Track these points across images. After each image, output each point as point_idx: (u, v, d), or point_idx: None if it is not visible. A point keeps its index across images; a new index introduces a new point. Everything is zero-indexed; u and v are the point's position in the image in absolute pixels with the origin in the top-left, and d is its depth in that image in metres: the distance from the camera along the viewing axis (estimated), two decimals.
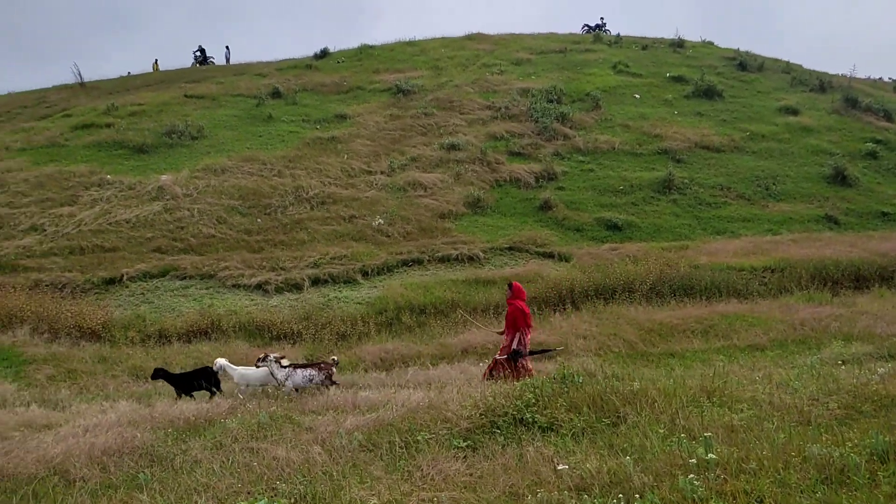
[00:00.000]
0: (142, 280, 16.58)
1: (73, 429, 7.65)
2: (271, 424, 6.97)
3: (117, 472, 6.08)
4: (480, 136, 25.66)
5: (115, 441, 6.78)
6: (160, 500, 5.05)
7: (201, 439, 6.73)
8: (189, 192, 20.78)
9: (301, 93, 30.49)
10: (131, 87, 34.00)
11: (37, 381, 11.41)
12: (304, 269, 16.95)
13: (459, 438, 5.66)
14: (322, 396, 8.38)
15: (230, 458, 5.93)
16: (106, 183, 21.41)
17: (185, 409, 8.02)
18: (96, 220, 19.29)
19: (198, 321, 14.13)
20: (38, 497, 5.59)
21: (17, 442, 7.38)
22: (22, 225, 19.07)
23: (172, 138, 24.77)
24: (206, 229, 19.02)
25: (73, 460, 6.30)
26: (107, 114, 27.42)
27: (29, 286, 15.65)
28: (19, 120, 29.09)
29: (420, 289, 15.56)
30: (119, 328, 14.01)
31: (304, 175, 22.28)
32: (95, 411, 8.66)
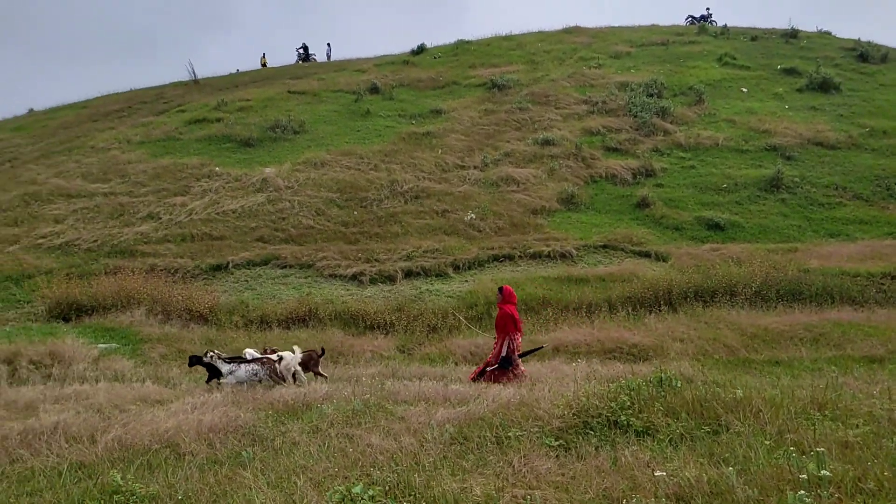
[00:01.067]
0: (246, 267, 17.41)
1: (183, 405, 8.14)
2: (365, 412, 7.14)
3: (222, 449, 6.41)
4: (576, 132, 25.24)
5: (220, 419, 7.15)
6: (262, 478, 5.29)
7: (299, 422, 6.98)
8: (290, 185, 21.62)
9: (398, 88, 31.03)
10: (240, 84, 35.71)
11: (151, 358, 12.24)
12: (398, 261, 17.26)
13: (551, 437, 5.60)
14: (413, 386, 8.51)
15: (326, 442, 6.13)
16: (215, 175, 22.62)
17: (284, 393, 8.35)
18: (206, 209, 20.43)
19: (296, 308, 14.68)
20: (152, 468, 5.98)
21: (134, 415, 7.92)
22: (140, 213, 20.48)
23: (276, 132, 25.85)
24: (305, 220, 19.73)
25: (182, 435, 6.70)
26: (217, 109, 28.95)
27: (145, 270, 16.79)
28: (139, 115, 31.21)
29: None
30: (224, 312, 14.79)
31: (399, 169, 22.68)
32: (203, 390, 9.19)
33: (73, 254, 18.31)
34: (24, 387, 10.10)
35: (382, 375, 9.82)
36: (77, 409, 8.41)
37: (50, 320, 14.77)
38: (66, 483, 5.71)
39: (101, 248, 18.54)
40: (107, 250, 18.38)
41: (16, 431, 7.29)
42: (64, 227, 19.80)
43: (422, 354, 12.39)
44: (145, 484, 5.33)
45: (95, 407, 8.49)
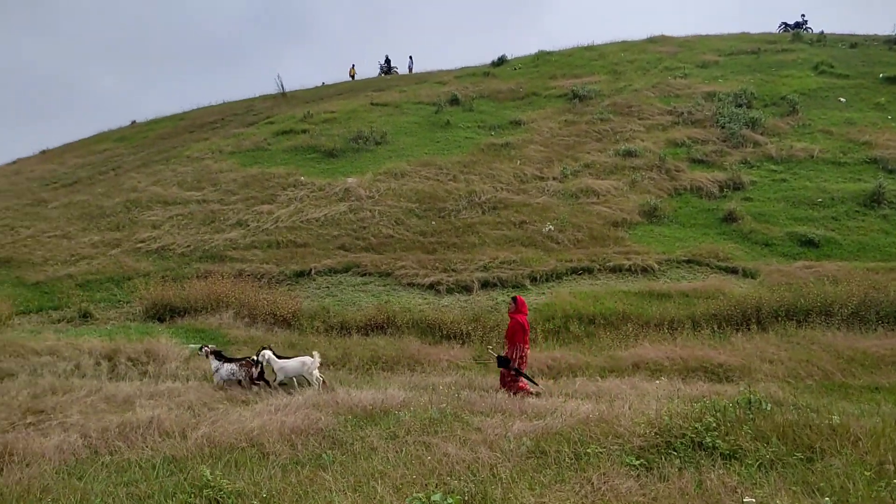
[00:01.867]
0: (327, 274, 17.87)
1: (267, 407, 8.44)
2: (442, 421, 7.18)
3: (303, 451, 6.59)
4: (659, 143, 24.62)
5: (302, 422, 7.37)
6: (341, 481, 5.41)
7: (377, 428, 7.10)
8: (371, 195, 22.08)
9: (478, 99, 31.20)
10: (325, 96, 36.85)
11: None
12: (475, 271, 17.29)
13: (632, 456, 5.46)
14: (490, 398, 8.49)
15: (404, 449, 6.21)
16: (300, 184, 23.39)
17: (362, 398, 8.50)
18: (291, 217, 21.14)
19: (375, 316, 14.94)
20: (238, 465, 6.22)
21: (221, 413, 8.28)
22: (230, 220, 21.41)
23: (359, 143, 26.49)
24: (385, 230, 20.09)
25: (266, 435, 6.94)
26: (303, 121, 29.97)
27: (233, 275, 17.52)
28: (231, 126, 32.71)
29: (589, 298, 15.23)
30: (307, 318, 15.22)
31: (478, 180, 22.76)
32: (285, 392, 9.49)
33: (168, 258, 19.34)
34: (123, 382, 10.74)
35: (458, 385, 9.85)
36: (169, 405, 8.86)
37: (146, 320, 15.64)
38: (159, 475, 6.02)
39: (193, 252, 19.50)
40: (198, 255, 19.30)
41: (114, 424, 7.75)
42: (160, 232, 20.96)
43: None
44: (232, 480, 5.56)
45: (186, 404, 8.92)
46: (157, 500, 5.27)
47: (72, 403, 9.19)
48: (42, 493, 5.75)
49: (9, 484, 5.96)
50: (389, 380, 10.91)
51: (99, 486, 5.84)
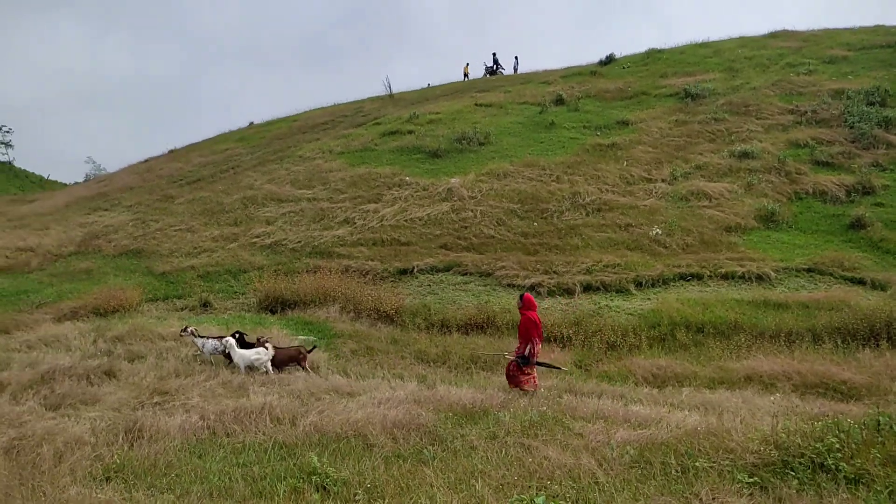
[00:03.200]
0: (429, 273, 18.14)
1: (370, 399, 8.68)
2: (542, 424, 7.12)
3: (405, 445, 6.73)
4: (779, 144, 23.22)
5: (403, 416, 7.52)
6: (442, 477, 5.48)
7: (477, 427, 7.14)
8: (474, 195, 22.20)
9: (584, 99, 30.67)
10: (430, 98, 37.42)
11: (342, 353, 13.17)
12: (577, 274, 16.99)
13: (744, 473, 5.19)
14: (591, 403, 8.32)
15: (504, 450, 6.21)
16: (405, 184, 23.88)
17: (462, 396, 8.57)
18: (395, 216, 21.63)
19: (475, 315, 15.00)
20: (343, 454, 6.44)
21: (328, 404, 8.59)
22: (338, 218, 22.19)
23: (462, 144, 26.71)
24: (486, 230, 20.14)
25: (370, 427, 7.14)
26: (409, 122, 30.59)
27: (340, 271, 18.14)
28: (340, 128, 33.88)
29: (698, 305, 14.59)
30: (408, 314, 15.52)
31: (582, 181, 22.37)
32: (387, 387, 9.72)
33: (281, 253, 20.29)
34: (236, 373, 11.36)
35: (559, 389, 9.72)
36: (280, 393, 9.29)
37: (259, 311, 16.49)
38: (271, 459, 6.34)
39: (303, 248, 20.36)
40: (308, 251, 20.14)
41: (230, 408, 8.22)
42: (274, 228, 22.05)
43: (599, 371, 12.06)
44: (338, 469, 5.76)
45: (295, 393, 9.32)
46: (270, 483, 5.55)
47: (193, 387, 9.84)
48: (167, 468, 6.20)
49: (139, 457, 6.48)
50: (489, 380, 10.93)
51: (216, 465, 6.23)
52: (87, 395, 9.69)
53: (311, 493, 5.28)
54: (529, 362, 9.38)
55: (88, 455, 6.58)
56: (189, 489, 5.49)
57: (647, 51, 37.21)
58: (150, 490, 5.45)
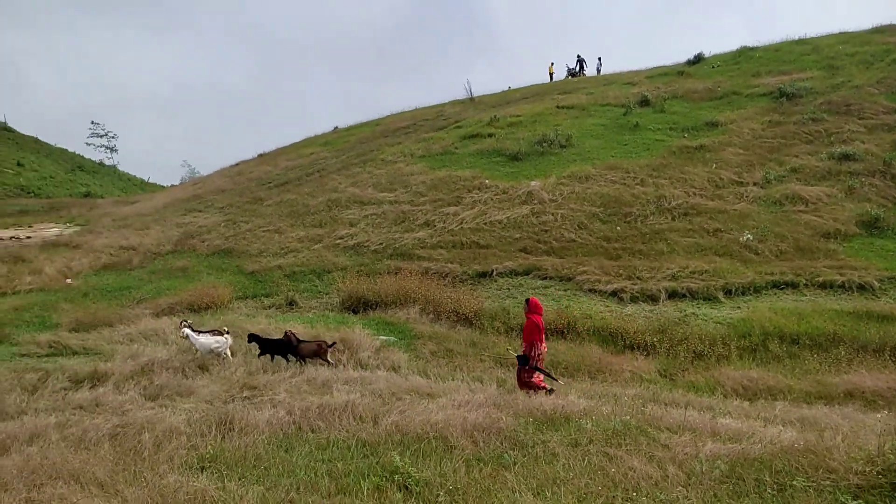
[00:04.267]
0: (508, 276, 18.06)
1: (450, 401, 8.71)
2: (625, 433, 6.93)
3: (485, 448, 6.71)
4: (883, 145, 21.77)
5: (483, 419, 7.50)
6: (524, 483, 5.43)
7: (558, 434, 7.03)
8: (554, 198, 21.95)
9: (670, 100, 29.78)
10: (511, 100, 37.30)
11: (422, 354, 13.31)
12: (661, 280, 16.50)
13: (847, 494, 4.87)
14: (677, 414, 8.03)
15: (586, 458, 6.08)
16: (484, 187, 23.90)
17: (542, 402, 8.47)
18: (475, 219, 21.67)
19: (555, 320, 14.81)
20: (424, 455, 6.48)
21: (408, 404, 8.68)
22: (418, 220, 22.45)
23: (543, 147, 26.48)
24: (567, 234, 19.87)
25: (451, 429, 7.16)
26: (489, 125, 30.60)
27: (420, 272, 18.33)
28: (421, 131, 34.28)
29: (793, 315, 13.86)
30: (487, 317, 15.50)
31: (668, 184, 21.71)
32: (467, 389, 9.73)
33: (363, 254, 20.73)
34: (322, 367, 11.68)
35: (642, 398, 9.45)
36: (362, 391, 9.47)
37: (342, 311, 16.90)
38: (354, 457, 6.46)
39: (385, 250, 20.72)
40: (390, 252, 20.47)
41: (315, 405, 8.44)
42: (357, 230, 22.55)
43: (685, 381, 11.65)
44: (419, 469, 5.81)
45: (377, 392, 9.48)
46: (353, 480, 5.66)
47: (279, 383, 10.19)
48: (256, 460, 6.43)
49: (230, 448, 6.75)
50: (569, 386, 10.75)
51: (302, 459, 6.40)
52: (183, 388, 10.22)
53: (393, 491, 5.34)
54: (527, 364, 9.44)
55: (184, 444, 6.92)
56: (277, 482, 5.67)
57: (739, 49, 35.73)
58: (241, 481, 5.66)
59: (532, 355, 9.45)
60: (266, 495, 5.27)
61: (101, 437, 7.38)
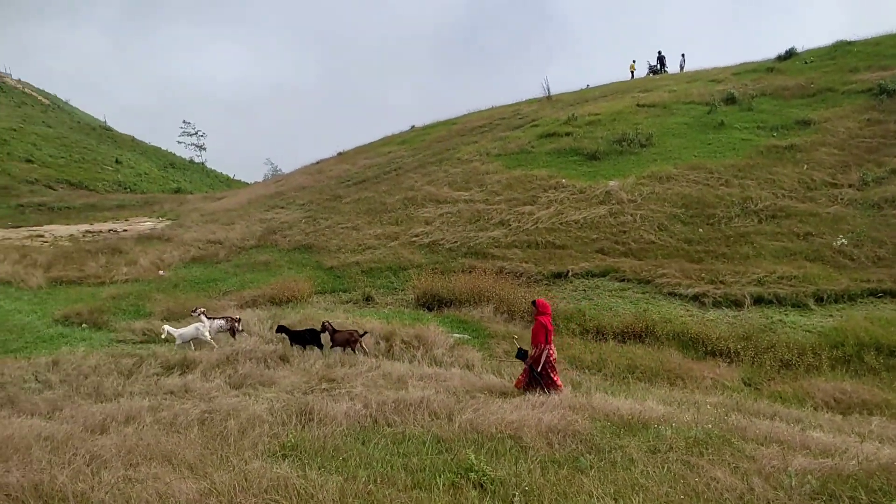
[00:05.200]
0: (584, 277, 17.79)
1: (524, 402, 8.66)
2: (707, 442, 6.71)
3: (560, 450, 6.64)
4: None
5: (558, 421, 7.42)
6: (600, 487, 5.35)
7: (636, 439, 6.87)
8: (633, 198, 21.45)
9: (758, 98, 28.53)
10: (589, 99, 36.68)
11: (495, 353, 13.30)
12: (746, 285, 15.85)
13: None
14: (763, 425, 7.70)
15: (665, 466, 5.93)
16: (561, 186, 23.61)
17: (619, 406, 8.30)
18: (550, 219, 21.45)
19: (632, 324, 14.49)
20: (498, 454, 6.48)
21: (482, 402, 8.69)
22: (493, 219, 22.42)
23: (622, 146, 25.91)
24: (646, 235, 19.38)
25: (525, 430, 7.12)
26: (567, 123, 30.19)
27: (495, 271, 18.32)
28: (498, 130, 34.20)
29: (893, 326, 13.02)
30: (562, 319, 15.31)
31: (754, 185, 20.82)
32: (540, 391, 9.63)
33: (438, 252, 20.89)
34: (397, 362, 11.86)
35: (725, 406, 9.12)
36: (437, 388, 9.55)
37: (417, 308, 17.09)
38: (429, 452, 6.53)
39: (459, 248, 20.81)
40: (464, 251, 20.54)
41: (391, 400, 8.57)
42: (432, 228, 22.74)
43: (771, 391, 11.15)
44: (494, 468, 5.81)
45: (451, 389, 9.54)
46: (428, 475, 5.72)
47: (356, 376, 10.41)
48: (334, 450, 6.59)
49: (310, 438, 6.96)
50: (647, 391, 10.50)
51: (379, 452, 6.53)
52: (265, 377, 10.61)
53: (468, 489, 5.37)
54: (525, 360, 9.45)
55: (267, 432, 7.18)
56: (355, 473, 5.80)
57: (835, 43, 33.82)
58: (321, 470, 5.82)
59: (532, 355, 9.38)
60: (344, 486, 5.40)
61: (190, 421, 7.74)
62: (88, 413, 8.31)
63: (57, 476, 5.56)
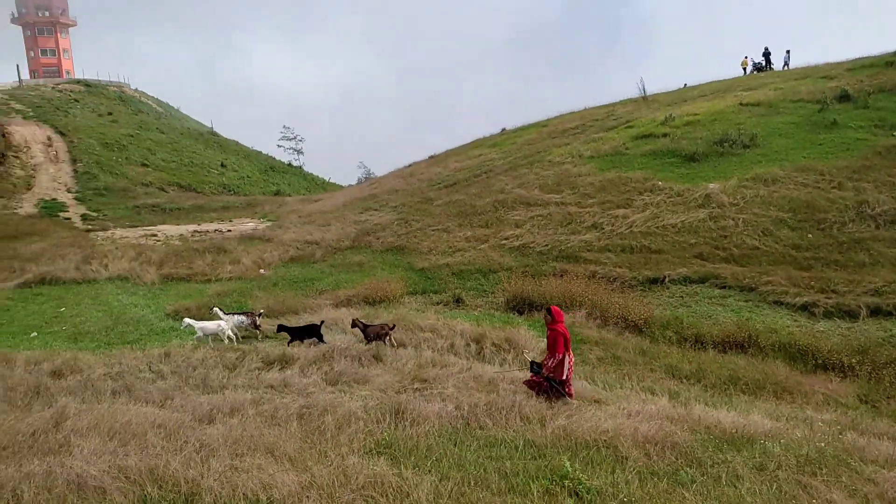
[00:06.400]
0: (681, 283, 17.14)
1: (619, 410, 8.44)
2: (820, 462, 6.30)
3: (659, 462, 6.41)
4: None
5: (656, 432, 7.17)
6: (703, 503, 5.12)
7: (740, 455, 6.54)
8: (735, 202, 20.48)
9: (876, 94, 26.54)
10: (688, 98, 35.36)
11: (588, 359, 13.03)
12: (862, 295, 14.78)
13: None
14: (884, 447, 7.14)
15: (775, 485, 5.61)
16: (657, 189, 22.88)
17: (721, 419, 7.94)
18: (645, 222, 20.82)
19: (734, 333, 13.83)
20: (594, 463, 6.34)
21: (575, 409, 8.53)
22: (585, 222, 22.01)
23: (724, 147, 24.80)
24: (749, 240, 18.45)
25: (621, 439, 6.93)
26: (664, 124, 29.21)
27: (587, 276, 17.97)
28: (591, 132, 33.56)
29: None
30: (658, 326, 14.83)
31: (871, 188, 19.39)
32: (637, 399, 9.36)
33: (528, 255, 20.72)
34: (487, 365, 11.85)
35: (839, 425, 8.51)
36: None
37: (507, 311, 17.02)
38: (522, 457, 6.47)
39: (550, 252, 20.55)
40: (555, 254, 20.27)
41: (482, 402, 8.57)
42: (522, 231, 22.59)
43: (892, 410, 10.33)
44: (590, 476, 5.68)
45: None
46: (522, 480, 5.66)
47: (447, 377, 10.47)
48: (427, 450, 6.66)
49: (403, 437, 7.06)
50: (751, 404, 9.98)
51: (471, 455, 6.53)
52: (359, 375, 10.86)
53: (563, 496, 5.28)
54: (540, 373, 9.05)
55: (362, 429, 7.35)
56: (448, 474, 5.82)
57: None
58: (415, 469, 5.89)
59: (549, 366, 9.04)
60: (439, 486, 5.44)
61: (289, 415, 8.04)
62: (196, 403, 8.80)
63: (170, 462, 5.91)
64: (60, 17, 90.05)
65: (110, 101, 74.02)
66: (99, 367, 11.53)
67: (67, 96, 70.57)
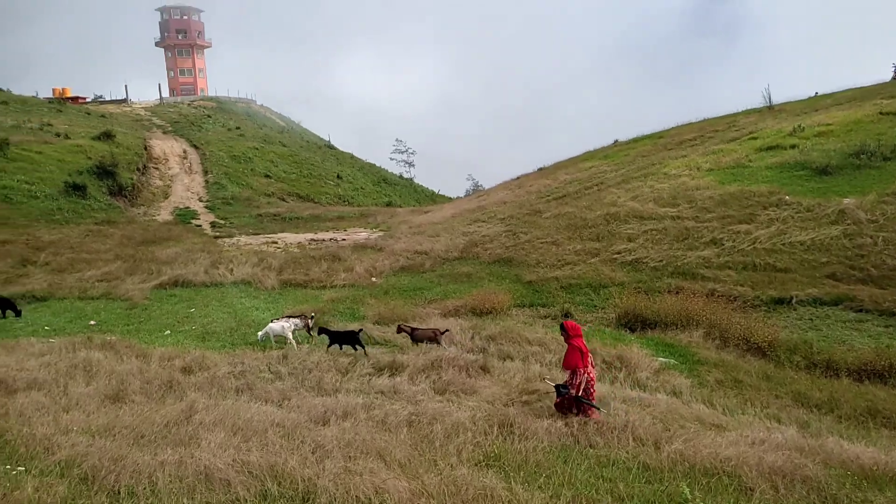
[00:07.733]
0: (811, 305, 15.98)
1: (741, 437, 7.93)
2: None
3: (787, 496, 5.97)
4: None
5: (784, 463, 6.68)
6: None
7: (884, 495, 5.96)
8: (874, 218, 18.88)
9: None
10: (819, 108, 33.10)
11: (706, 381, 12.36)
12: None
13: None
14: None
15: None
16: (784, 203, 21.51)
17: (860, 454, 7.27)
18: (770, 239, 19.61)
19: (873, 360, 12.66)
20: (715, 492, 5.98)
21: (693, 433, 8.11)
22: (703, 238, 21.02)
23: (861, 159, 22.98)
24: (890, 260, 16.94)
25: (744, 468, 6.51)
26: (792, 135, 27.51)
27: (705, 294, 17.13)
28: (711, 143, 32.11)
29: None
30: (784, 350, 13.86)
31: None
32: (761, 427, 8.77)
33: (641, 270, 20.05)
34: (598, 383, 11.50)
35: None
36: (641, 413, 9.10)
37: (618, 327, 16.51)
38: (636, 480, 6.22)
39: (665, 267, 19.79)
40: (670, 270, 19.49)
41: (592, 420, 8.33)
42: (635, 245, 21.90)
43: None
44: None
45: (657, 416, 9.03)
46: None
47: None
48: (536, 466, 6.55)
49: (511, 451, 6.98)
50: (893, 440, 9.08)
51: (582, 474, 6.35)
52: (466, 386, 10.88)
53: None
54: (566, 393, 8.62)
55: (470, 440, 7.34)
56: (559, 492, 5.69)
57: None
58: (524, 485, 5.80)
59: (573, 383, 8.61)
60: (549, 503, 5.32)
61: (399, 421, 8.17)
62: (312, 405, 9.13)
63: (288, 460, 6.16)
64: (198, 39, 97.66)
65: (238, 116, 79.28)
66: (224, 366, 12.23)
67: (201, 112, 76.30)
